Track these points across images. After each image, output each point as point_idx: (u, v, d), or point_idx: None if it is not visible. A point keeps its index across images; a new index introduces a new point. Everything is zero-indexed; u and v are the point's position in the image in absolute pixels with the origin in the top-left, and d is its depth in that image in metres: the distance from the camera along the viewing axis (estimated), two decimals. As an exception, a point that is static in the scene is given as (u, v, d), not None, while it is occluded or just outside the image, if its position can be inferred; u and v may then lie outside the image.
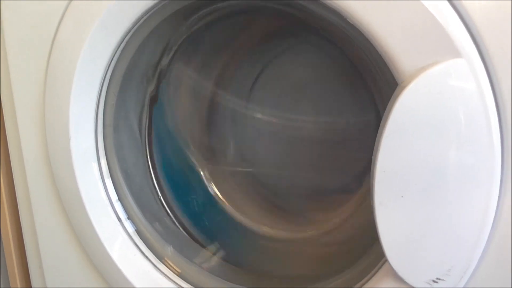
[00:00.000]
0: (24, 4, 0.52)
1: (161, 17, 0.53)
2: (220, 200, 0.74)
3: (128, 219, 0.59)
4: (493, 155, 0.41)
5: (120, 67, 0.55)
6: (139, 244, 0.59)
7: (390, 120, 0.40)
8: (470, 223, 0.42)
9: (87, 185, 0.55)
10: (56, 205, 0.57)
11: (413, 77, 0.40)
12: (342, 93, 0.69)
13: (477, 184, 0.41)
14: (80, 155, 0.54)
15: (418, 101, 0.40)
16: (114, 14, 0.48)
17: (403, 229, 0.43)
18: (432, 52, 0.39)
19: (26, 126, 0.56)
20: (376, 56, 0.42)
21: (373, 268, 0.50)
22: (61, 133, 0.53)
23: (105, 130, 0.57)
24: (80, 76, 0.51)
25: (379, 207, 0.43)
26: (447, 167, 0.41)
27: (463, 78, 0.39)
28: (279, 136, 0.74)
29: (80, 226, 0.56)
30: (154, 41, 0.59)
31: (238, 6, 0.60)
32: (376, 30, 0.40)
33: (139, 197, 0.61)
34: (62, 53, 0.51)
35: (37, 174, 0.57)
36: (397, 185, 0.42)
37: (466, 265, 0.43)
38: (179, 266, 0.60)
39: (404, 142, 0.41)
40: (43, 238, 0.60)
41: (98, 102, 0.55)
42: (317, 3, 0.43)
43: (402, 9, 0.39)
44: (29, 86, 0.54)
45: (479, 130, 0.40)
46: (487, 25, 0.40)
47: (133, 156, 0.64)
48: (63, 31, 0.50)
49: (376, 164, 0.42)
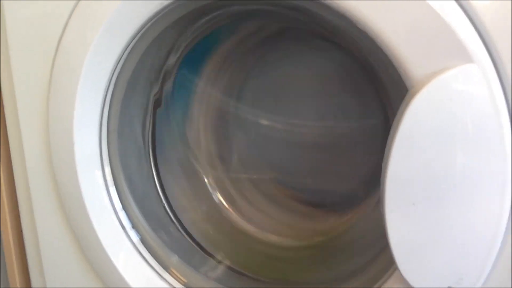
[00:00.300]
0: (28, 7, 0.51)
1: (167, 22, 0.53)
2: (225, 208, 0.74)
3: (133, 228, 0.58)
4: (506, 162, 0.40)
5: (126, 72, 0.55)
6: (144, 253, 0.58)
7: (401, 127, 0.40)
8: (482, 231, 0.41)
9: (91, 194, 0.54)
10: (59, 213, 0.57)
11: (424, 83, 0.39)
12: (348, 97, 0.69)
13: (490, 191, 0.41)
14: (84, 161, 0.53)
15: (429, 108, 0.39)
16: (120, 19, 0.48)
17: (414, 237, 0.43)
18: (443, 57, 0.39)
19: (29, 131, 0.55)
20: (385, 61, 0.42)
21: (382, 276, 0.49)
22: (65, 138, 0.52)
23: (109, 136, 0.57)
24: (85, 81, 0.50)
25: (390, 215, 0.42)
26: (459, 174, 0.40)
27: (475, 84, 0.39)
28: (285, 142, 0.74)
29: (84, 235, 0.55)
30: (159, 47, 0.59)
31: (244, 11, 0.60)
32: (386, 35, 0.40)
33: (143, 205, 0.61)
34: (67, 57, 0.50)
35: (40, 180, 0.57)
36: (408, 193, 0.41)
37: (479, 274, 0.43)
38: (184, 275, 0.59)
39: (415, 149, 0.40)
40: (45, 247, 0.59)
41: (103, 107, 0.55)
42: (324, 6, 0.43)
43: (412, 13, 0.39)
44: (33, 91, 0.53)
45: (491, 137, 0.39)
46: (499, 29, 0.39)
47: (137, 162, 0.63)
48: (68, 35, 0.50)
49: (387, 171, 0.41)
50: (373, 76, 0.61)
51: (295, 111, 0.72)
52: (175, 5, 0.48)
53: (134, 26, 0.48)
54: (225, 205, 0.74)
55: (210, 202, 0.73)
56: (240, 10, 0.59)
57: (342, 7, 0.41)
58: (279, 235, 0.70)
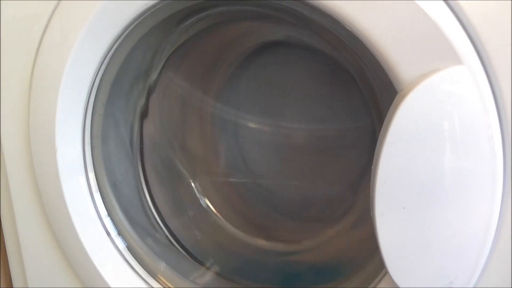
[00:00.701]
0: (8, 7, 0.50)
1: (151, 24, 0.52)
2: (212, 213, 0.73)
3: (119, 235, 0.57)
4: (495, 163, 0.40)
5: (109, 75, 0.54)
6: (130, 261, 0.57)
7: (391, 129, 0.40)
8: (472, 233, 0.41)
9: (75, 200, 0.53)
10: (42, 220, 0.55)
11: (414, 85, 0.39)
12: (336, 100, 0.69)
13: (480, 193, 0.40)
14: (67, 167, 0.52)
15: (419, 110, 0.39)
16: (102, 19, 0.47)
17: (404, 241, 0.42)
18: (432, 59, 0.39)
19: (9, 136, 0.54)
20: (374, 63, 0.42)
21: (372, 280, 0.49)
22: (47, 144, 0.51)
23: (93, 141, 0.56)
24: (67, 84, 0.49)
25: (380, 218, 0.42)
26: (449, 176, 0.40)
27: (464, 86, 0.39)
28: (272, 145, 0.73)
29: (68, 243, 0.54)
30: (143, 49, 0.58)
31: (229, 12, 0.59)
32: (374, 37, 0.39)
33: (129, 211, 0.60)
34: (48, 59, 0.49)
35: (22, 187, 0.55)
36: (398, 196, 0.41)
37: (469, 276, 0.43)
38: (172, 282, 0.58)
39: (405, 152, 0.40)
40: (28, 256, 0.58)
41: (85, 112, 0.53)
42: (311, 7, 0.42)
43: (402, 15, 0.38)
44: (13, 94, 0.52)
45: (481, 138, 0.39)
46: (487, 31, 0.39)
47: (123, 168, 0.62)
48: (49, 36, 0.49)
49: (377, 174, 0.41)
50: (362, 79, 0.61)
51: (283, 114, 0.72)
52: (159, 6, 0.48)
53: (118, 27, 0.48)
54: (213, 210, 0.73)
55: (198, 208, 0.73)
56: (225, 11, 0.58)
57: (329, 8, 0.40)
58: (268, 240, 0.69)
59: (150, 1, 0.46)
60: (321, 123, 0.71)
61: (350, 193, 0.68)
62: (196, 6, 0.55)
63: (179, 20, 0.58)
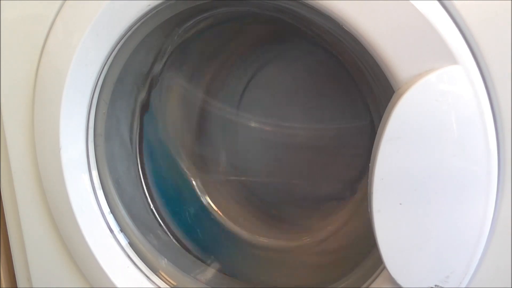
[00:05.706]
0: (12, 8, 0.50)
1: (153, 24, 0.52)
2: (213, 210, 0.73)
3: (121, 232, 0.58)
4: (490, 161, 0.41)
5: (112, 75, 0.55)
6: (133, 257, 0.57)
7: (388, 127, 0.40)
8: (468, 229, 0.42)
9: (79, 197, 0.54)
10: (46, 217, 0.56)
11: (410, 84, 0.39)
12: (335, 99, 0.69)
13: (475, 190, 0.41)
14: (71, 165, 0.53)
15: (416, 108, 0.40)
16: (106, 20, 0.47)
17: (401, 236, 0.43)
18: (429, 59, 0.39)
19: (13, 135, 0.54)
20: (371, 63, 0.42)
21: (370, 275, 0.49)
22: (51, 142, 0.51)
23: (96, 139, 0.56)
24: (70, 84, 0.50)
25: (377, 215, 0.43)
26: (445, 173, 0.41)
27: (459, 85, 0.39)
28: (272, 144, 0.74)
29: (71, 240, 0.55)
30: (146, 49, 0.58)
31: (230, 13, 0.60)
32: (372, 37, 0.40)
33: (131, 208, 0.60)
34: (53, 59, 0.49)
35: (26, 185, 0.56)
36: (395, 192, 0.42)
37: (465, 271, 0.43)
38: (174, 278, 0.58)
39: (402, 150, 0.41)
40: (32, 252, 0.58)
41: (89, 110, 0.54)
42: (310, 8, 0.43)
43: (398, 15, 0.39)
44: (18, 94, 0.53)
45: (476, 136, 0.40)
46: (482, 31, 0.40)
47: (125, 166, 0.62)
48: (53, 37, 0.49)
49: (374, 171, 0.42)
50: (359, 78, 0.62)
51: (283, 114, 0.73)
52: (162, 7, 0.48)
53: (121, 28, 0.48)
54: (214, 207, 0.74)
55: (199, 205, 0.73)
56: (226, 12, 0.59)
57: (327, 8, 0.41)
58: (268, 237, 0.70)
59: (153, 2, 0.46)
60: (320, 122, 0.71)
61: (349, 192, 0.69)
62: (198, 7, 0.55)
63: (181, 21, 0.58)
